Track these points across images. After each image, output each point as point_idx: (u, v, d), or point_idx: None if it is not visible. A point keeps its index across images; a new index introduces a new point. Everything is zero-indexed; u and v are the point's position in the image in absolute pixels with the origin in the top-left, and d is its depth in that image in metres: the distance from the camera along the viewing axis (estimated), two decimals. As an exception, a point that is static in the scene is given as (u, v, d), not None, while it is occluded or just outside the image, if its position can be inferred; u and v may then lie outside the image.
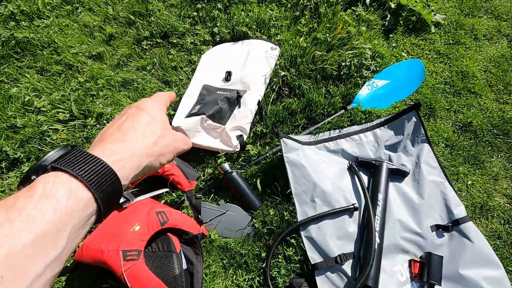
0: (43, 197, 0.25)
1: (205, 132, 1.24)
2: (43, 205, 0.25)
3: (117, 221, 1.02)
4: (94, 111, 1.32)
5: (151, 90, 1.43)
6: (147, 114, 0.37)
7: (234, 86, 1.35)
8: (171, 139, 0.38)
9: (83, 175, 0.27)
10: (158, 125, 0.37)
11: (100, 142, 0.33)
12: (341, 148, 1.25)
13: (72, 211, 0.26)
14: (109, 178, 0.29)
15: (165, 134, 0.37)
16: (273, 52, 1.42)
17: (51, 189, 0.26)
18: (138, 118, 0.36)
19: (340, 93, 1.34)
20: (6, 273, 0.21)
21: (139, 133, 0.35)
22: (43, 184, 0.26)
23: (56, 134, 1.27)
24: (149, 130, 0.36)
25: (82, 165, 0.28)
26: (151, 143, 0.35)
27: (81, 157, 0.29)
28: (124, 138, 0.33)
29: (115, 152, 0.32)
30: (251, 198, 1.13)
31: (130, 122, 0.35)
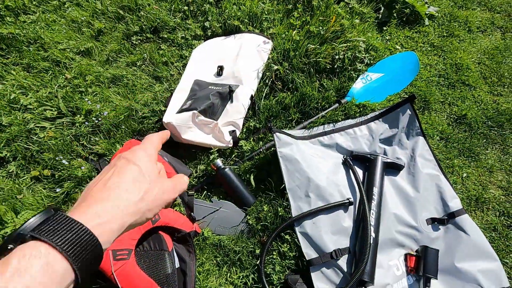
0: (15, 274, 0.24)
1: (197, 127, 1.21)
2: (15, 284, 0.23)
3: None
4: (82, 108, 1.29)
5: (141, 86, 1.39)
6: (135, 167, 0.36)
7: (226, 80, 1.33)
8: (159, 192, 0.36)
9: (62, 246, 0.26)
10: (146, 178, 0.35)
11: (84, 202, 0.32)
12: (335, 142, 1.23)
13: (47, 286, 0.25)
14: (90, 245, 0.28)
15: (152, 188, 0.36)
16: (266, 46, 1.40)
17: (26, 264, 0.25)
18: (125, 173, 0.35)
19: (334, 87, 1.32)
20: None
21: (124, 190, 0.33)
22: (18, 258, 0.25)
23: (43, 132, 1.23)
24: (135, 186, 0.34)
25: (63, 233, 0.27)
26: (136, 200, 0.34)
27: (63, 223, 0.28)
28: (108, 196, 0.32)
29: (97, 214, 0.30)
30: (244, 194, 1.11)
31: (116, 177, 0.34)
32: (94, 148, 1.23)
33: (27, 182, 1.17)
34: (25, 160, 1.20)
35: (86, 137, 1.25)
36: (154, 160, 0.39)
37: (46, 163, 1.18)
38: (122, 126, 1.28)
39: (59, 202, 1.13)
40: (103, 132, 1.27)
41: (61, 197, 1.13)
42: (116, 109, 1.30)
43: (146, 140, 0.41)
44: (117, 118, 1.28)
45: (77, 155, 1.22)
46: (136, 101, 1.35)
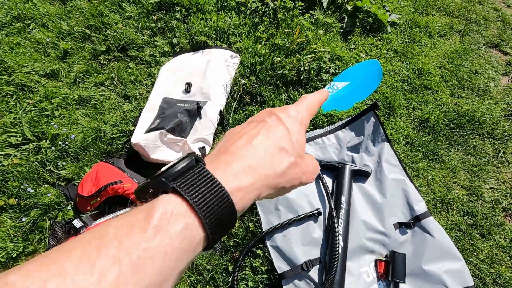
0: (157, 234, 0.22)
1: (166, 146, 1.21)
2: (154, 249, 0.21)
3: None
4: (48, 132, 1.26)
5: (110, 106, 1.38)
6: (286, 132, 0.31)
7: (194, 97, 1.33)
8: (301, 171, 0.32)
9: (203, 212, 0.24)
10: (293, 149, 0.31)
11: (224, 156, 0.28)
12: (304, 152, 1.25)
13: (183, 254, 0.23)
14: (227, 214, 0.26)
15: (297, 163, 0.31)
16: (233, 61, 1.41)
17: (168, 222, 0.23)
18: (274, 134, 0.30)
19: (301, 98, 1.34)
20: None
21: (270, 155, 0.29)
22: (160, 215, 0.23)
23: (7, 160, 1.21)
24: (282, 155, 0.30)
25: (204, 193, 0.25)
26: (279, 173, 0.29)
27: (204, 181, 0.25)
28: (251, 156, 0.28)
29: (238, 176, 0.27)
30: (215, 211, 1.11)
31: (264, 136, 0.30)
32: (61, 173, 1.21)
33: (-9, 213, 1.13)
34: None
35: (53, 162, 1.23)
36: (305, 129, 0.33)
37: (11, 191, 1.15)
38: (90, 148, 1.26)
39: (26, 232, 1.10)
40: (71, 156, 1.25)
41: (28, 227, 1.10)
42: (84, 132, 1.29)
43: (302, 100, 0.35)
44: (85, 140, 1.26)
45: (44, 181, 1.20)
46: (104, 122, 1.33)
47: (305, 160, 0.32)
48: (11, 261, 1.05)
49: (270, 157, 0.29)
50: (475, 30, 1.78)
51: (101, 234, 0.21)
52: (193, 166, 0.26)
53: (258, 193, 0.28)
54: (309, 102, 0.34)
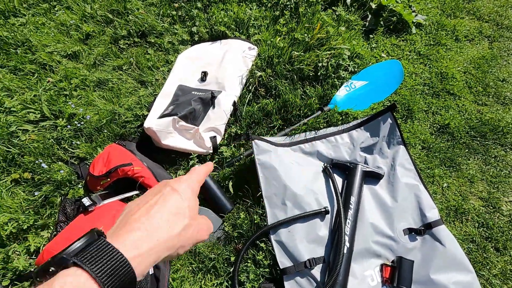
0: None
1: (178, 133, 1.21)
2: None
3: (81, 225, 1.00)
4: (65, 111, 1.29)
5: (126, 90, 1.40)
6: (179, 199, 0.35)
7: (209, 86, 1.33)
8: (195, 230, 0.36)
9: (102, 278, 0.27)
10: (187, 213, 0.35)
11: (125, 227, 0.32)
12: (316, 150, 1.23)
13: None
14: (127, 279, 0.28)
15: (191, 224, 0.35)
16: (251, 52, 1.40)
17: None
18: (169, 202, 0.35)
19: (317, 94, 1.32)
20: None
21: (166, 221, 0.33)
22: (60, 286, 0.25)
23: (25, 135, 1.24)
24: (176, 219, 0.34)
25: (103, 263, 0.27)
26: (174, 235, 0.33)
27: (104, 251, 0.28)
28: (149, 225, 0.32)
29: (136, 245, 0.30)
30: (222, 201, 1.11)
31: (160, 205, 0.34)
32: (75, 152, 1.24)
33: (7, 184, 1.17)
34: (6, 162, 1.20)
35: (68, 140, 1.25)
36: (197, 193, 0.39)
37: (27, 166, 1.19)
38: (104, 130, 1.28)
39: (37, 206, 1.13)
40: (85, 135, 1.27)
41: (39, 201, 1.13)
42: (99, 113, 1.31)
43: (192, 172, 0.40)
44: (100, 122, 1.28)
45: (57, 158, 1.23)
46: (120, 105, 1.35)
47: (198, 221, 0.36)
48: (21, 233, 1.08)
49: (166, 222, 0.33)
50: (506, 36, 1.70)
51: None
52: (94, 240, 0.29)
53: (156, 256, 0.31)
54: (198, 173, 0.40)
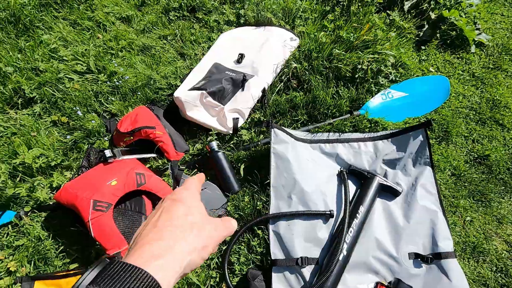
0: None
1: (203, 108, 1.24)
2: None
3: (98, 173, 1.07)
4: (108, 68, 1.38)
5: (166, 59, 1.46)
6: (181, 205, 0.34)
7: (243, 69, 1.34)
8: (212, 228, 0.34)
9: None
10: (196, 215, 0.34)
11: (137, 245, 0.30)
12: (336, 152, 1.19)
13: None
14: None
15: (204, 224, 0.34)
16: (291, 43, 1.38)
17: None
18: (174, 211, 0.33)
19: (349, 96, 1.27)
20: None
21: (177, 227, 0.31)
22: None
23: (70, 83, 1.35)
24: (187, 222, 0.32)
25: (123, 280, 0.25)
26: (191, 238, 0.31)
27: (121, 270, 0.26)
28: (161, 236, 0.30)
29: (154, 254, 0.28)
30: (230, 180, 1.12)
31: (165, 216, 0.32)
32: (109, 107, 1.32)
33: (46, 124, 1.29)
34: (49, 104, 1.32)
35: (105, 95, 1.34)
36: (199, 198, 0.37)
37: (65, 111, 1.30)
38: (138, 92, 1.35)
39: (66, 148, 1.23)
40: (120, 94, 1.35)
41: (69, 144, 1.23)
42: (137, 76, 1.38)
43: (187, 181, 0.39)
44: (136, 84, 1.35)
45: (93, 109, 1.32)
46: (157, 72, 1.41)
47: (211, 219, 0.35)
48: (49, 169, 1.18)
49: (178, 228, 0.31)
50: None
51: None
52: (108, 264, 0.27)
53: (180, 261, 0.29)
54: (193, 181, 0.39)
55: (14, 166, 1.14)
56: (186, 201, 0.35)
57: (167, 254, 0.29)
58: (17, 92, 1.32)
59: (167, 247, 0.29)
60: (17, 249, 1.08)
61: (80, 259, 1.05)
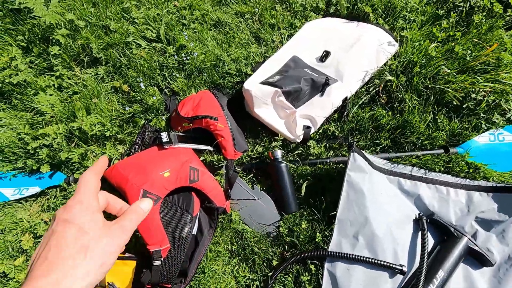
0: None
1: (273, 107, 1.09)
2: None
3: (152, 158, 0.99)
4: (178, 40, 1.27)
5: (239, 40, 1.31)
6: (74, 226, 0.33)
7: (326, 70, 1.15)
8: (109, 240, 0.34)
9: None
10: (89, 234, 0.33)
11: (28, 279, 0.31)
12: (417, 193, 1.00)
13: None
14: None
15: (98, 241, 0.34)
16: (389, 49, 1.15)
17: None
18: (64, 237, 0.33)
19: (449, 129, 1.04)
20: None
21: (67, 258, 0.32)
22: None
23: (137, 50, 1.26)
24: (78, 248, 0.32)
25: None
26: (84, 264, 0.32)
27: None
28: (50, 270, 0.31)
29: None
30: (289, 198, 0.99)
31: (55, 246, 0.32)
32: (172, 84, 1.22)
33: (107, 89, 1.23)
34: (114, 68, 1.25)
35: (170, 70, 1.24)
36: (93, 210, 0.36)
37: (128, 79, 1.22)
38: (204, 73, 1.23)
39: (123, 120, 1.17)
40: (186, 71, 1.24)
41: (126, 116, 1.17)
42: (206, 54, 1.25)
43: (80, 185, 0.37)
44: (204, 63, 1.23)
45: (155, 83, 1.23)
46: (227, 54, 1.27)
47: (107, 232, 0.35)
48: (103, 138, 1.13)
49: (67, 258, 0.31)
50: None
51: None
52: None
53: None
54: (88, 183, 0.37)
55: (70, 129, 1.10)
56: (78, 219, 0.34)
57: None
58: (84, 49, 1.27)
59: (54, 283, 0.30)
60: (62, 215, 1.06)
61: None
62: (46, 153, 1.07)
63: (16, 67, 1.19)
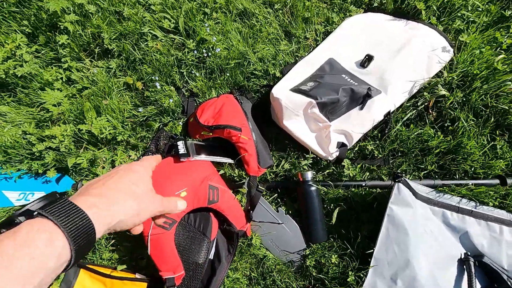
0: (24, 244, 0.29)
1: (304, 119, 0.96)
2: (22, 252, 0.28)
3: (168, 173, 0.88)
4: (199, 33, 1.12)
5: (267, 35, 1.15)
6: (133, 174, 0.43)
7: (367, 77, 1.00)
8: (150, 202, 0.43)
9: (65, 226, 0.31)
10: (140, 187, 0.42)
11: (84, 194, 0.38)
12: (465, 229, 0.87)
13: (47, 258, 0.30)
14: (86, 231, 0.33)
15: (145, 196, 0.42)
16: (442, 56, 0.99)
17: (34, 235, 0.30)
18: (124, 178, 0.42)
19: (510, 158, 0.90)
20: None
21: (120, 192, 0.39)
22: (27, 230, 0.30)
23: (153, 42, 1.12)
24: (130, 191, 0.41)
25: (67, 215, 0.32)
26: (128, 204, 0.39)
27: (67, 207, 0.33)
28: (105, 193, 0.38)
29: (94, 205, 0.36)
30: (317, 226, 0.88)
31: (115, 179, 0.41)
32: (190, 83, 1.10)
33: (119, 85, 1.11)
34: (127, 62, 1.13)
35: (189, 67, 1.11)
36: (150, 174, 0.46)
37: (142, 75, 1.10)
38: (227, 73, 1.10)
39: (136, 123, 1.06)
40: (206, 69, 1.11)
41: (140, 119, 1.06)
42: (230, 51, 1.11)
43: (144, 159, 0.49)
44: (227, 61, 1.09)
45: (171, 81, 1.11)
46: (253, 51, 1.13)
47: (153, 194, 0.44)
48: (113, 142, 1.03)
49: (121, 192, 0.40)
50: None
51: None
52: (57, 199, 0.35)
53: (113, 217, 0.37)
54: (150, 160, 0.49)
55: (78, 132, 1.00)
56: (138, 173, 0.44)
57: (104, 209, 0.36)
58: (95, 38, 1.14)
59: (106, 204, 0.37)
60: (69, 225, 0.98)
61: (129, 261, 0.93)
62: (52, 156, 0.98)
63: (20, 57, 1.08)
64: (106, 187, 0.39)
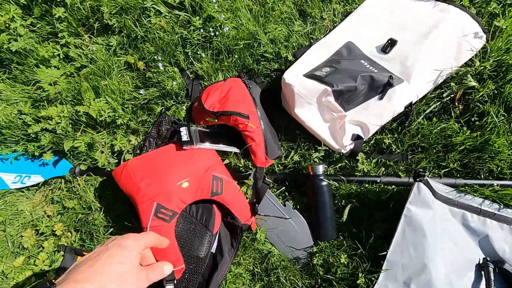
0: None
1: (317, 108, 0.88)
2: None
3: (169, 162, 0.83)
4: (206, 9, 1.03)
5: (279, 14, 1.05)
6: (123, 252, 0.45)
7: (389, 64, 0.91)
8: (135, 280, 0.45)
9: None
10: (126, 266, 0.44)
11: (71, 281, 0.40)
12: (486, 232, 0.81)
13: None
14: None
15: (130, 276, 0.44)
16: (474, 42, 0.89)
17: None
18: (113, 258, 0.44)
19: (542, 158, 0.82)
20: None
21: (106, 275, 0.42)
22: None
23: (156, 18, 1.04)
24: (117, 273, 0.43)
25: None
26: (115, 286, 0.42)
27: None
28: (91, 278, 0.40)
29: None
30: (327, 223, 0.83)
31: (104, 260, 0.43)
32: (195, 65, 1.02)
33: (119, 64, 1.04)
34: (128, 39, 1.05)
35: (194, 47, 1.03)
36: (140, 251, 0.48)
37: (144, 55, 1.02)
38: (235, 54, 1.01)
39: (137, 106, 0.99)
40: (213, 50, 1.03)
41: (141, 102, 0.99)
42: (239, 30, 1.02)
43: (145, 235, 0.52)
44: (235, 41, 1.01)
45: (175, 62, 1.03)
46: (264, 31, 1.04)
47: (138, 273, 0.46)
48: (113, 125, 0.97)
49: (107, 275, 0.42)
50: None
51: None
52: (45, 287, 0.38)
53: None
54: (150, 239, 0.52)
55: (75, 113, 0.94)
56: (127, 250, 0.46)
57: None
58: (94, 13, 1.05)
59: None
60: (67, 211, 0.94)
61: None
62: (49, 139, 0.92)
63: (15, 31, 1.01)
64: (93, 270, 0.41)
